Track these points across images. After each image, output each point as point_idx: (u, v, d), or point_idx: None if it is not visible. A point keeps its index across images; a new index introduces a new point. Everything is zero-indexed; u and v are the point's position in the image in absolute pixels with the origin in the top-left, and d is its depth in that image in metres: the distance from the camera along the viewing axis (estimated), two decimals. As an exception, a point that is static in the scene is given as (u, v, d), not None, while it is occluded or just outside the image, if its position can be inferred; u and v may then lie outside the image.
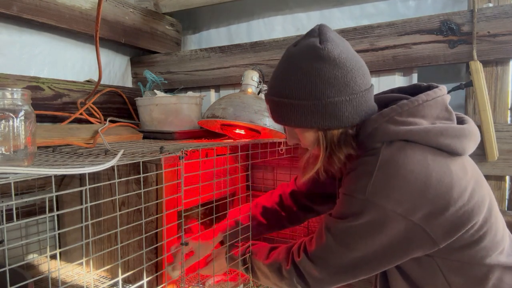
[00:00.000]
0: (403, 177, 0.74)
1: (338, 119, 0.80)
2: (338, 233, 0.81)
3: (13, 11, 1.20)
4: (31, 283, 0.79)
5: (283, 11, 1.69)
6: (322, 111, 0.79)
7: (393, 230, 0.74)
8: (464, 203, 0.74)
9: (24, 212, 1.18)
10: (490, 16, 1.18)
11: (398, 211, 0.73)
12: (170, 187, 0.91)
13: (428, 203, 0.73)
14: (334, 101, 0.78)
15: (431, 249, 0.76)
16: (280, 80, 0.84)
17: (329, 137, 0.83)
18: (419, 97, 0.80)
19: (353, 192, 0.78)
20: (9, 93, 0.64)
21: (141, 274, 0.85)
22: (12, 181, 0.57)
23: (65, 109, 1.38)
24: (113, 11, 1.56)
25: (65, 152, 0.94)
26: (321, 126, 0.81)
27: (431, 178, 0.73)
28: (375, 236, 0.76)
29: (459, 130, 0.79)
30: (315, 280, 0.86)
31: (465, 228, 0.74)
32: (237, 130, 1.28)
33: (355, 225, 0.77)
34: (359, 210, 0.77)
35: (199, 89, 1.78)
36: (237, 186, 1.34)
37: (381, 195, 0.74)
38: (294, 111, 0.81)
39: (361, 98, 0.81)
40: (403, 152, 0.76)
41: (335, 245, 0.81)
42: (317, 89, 0.78)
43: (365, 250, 0.78)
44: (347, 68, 0.79)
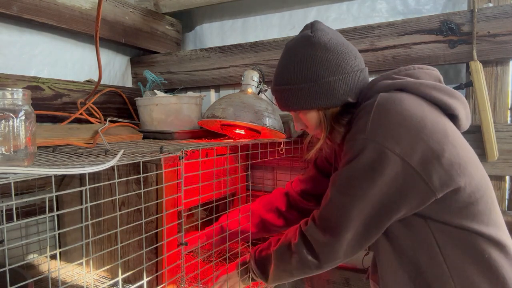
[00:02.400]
0: (399, 114, 0.77)
1: (334, 96, 0.88)
2: (341, 182, 0.83)
3: (13, 11, 1.20)
4: (31, 283, 0.79)
5: (282, 9, 1.70)
6: (319, 91, 0.88)
7: (392, 172, 0.76)
8: (458, 154, 0.77)
9: (24, 212, 1.18)
10: (490, 16, 1.18)
11: (396, 151, 0.75)
12: (170, 187, 0.91)
13: (424, 144, 0.75)
14: (329, 81, 0.87)
15: (429, 198, 0.77)
16: (280, 70, 0.95)
17: (329, 115, 0.91)
18: (414, 65, 0.90)
19: (353, 135, 0.82)
20: (9, 93, 0.64)
21: (141, 274, 0.85)
22: (12, 181, 0.57)
23: (65, 109, 1.38)
24: (113, 11, 1.56)
25: (65, 152, 0.94)
26: (321, 105, 0.89)
27: (426, 119, 0.77)
28: (374, 178, 0.77)
29: (450, 90, 0.84)
30: (321, 246, 0.86)
31: (459, 181, 0.75)
32: (237, 130, 1.28)
33: (356, 166, 0.79)
34: (359, 150, 0.79)
35: (199, 89, 1.78)
36: (237, 186, 1.35)
37: (379, 132, 0.77)
38: (295, 96, 0.91)
39: (354, 77, 0.89)
40: (398, 95, 0.82)
41: (338, 196, 0.83)
42: (312, 72, 0.88)
43: (366, 195, 0.78)
44: (338, 51, 0.88)
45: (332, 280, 1.48)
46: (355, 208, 0.80)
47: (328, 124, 0.92)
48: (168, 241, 0.89)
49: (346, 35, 1.38)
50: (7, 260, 0.60)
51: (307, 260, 0.88)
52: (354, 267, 1.45)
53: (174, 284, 0.94)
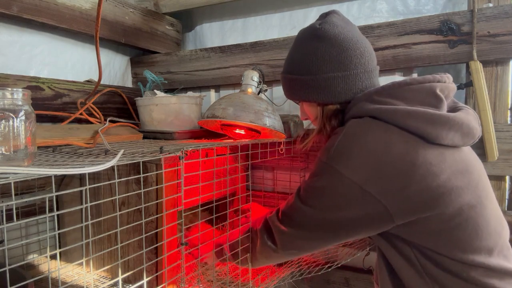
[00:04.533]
0: (361, 146, 0.77)
1: (332, 93, 0.88)
2: (302, 192, 0.87)
3: (13, 11, 1.20)
4: (31, 283, 0.79)
5: (282, 9, 1.70)
6: (318, 86, 0.88)
7: (349, 197, 0.77)
8: (429, 187, 0.73)
9: (24, 212, 1.18)
10: (490, 16, 1.18)
11: (354, 179, 0.75)
12: (170, 187, 0.91)
13: (384, 178, 0.74)
14: (328, 77, 0.87)
15: (388, 224, 0.77)
16: (288, 58, 0.97)
17: (325, 112, 0.92)
18: (403, 80, 0.83)
19: (320, 156, 0.84)
20: (9, 93, 0.64)
21: (141, 274, 0.85)
22: (12, 181, 0.57)
23: (65, 109, 1.38)
24: (113, 11, 1.56)
25: (65, 152, 0.94)
26: (318, 100, 0.90)
27: (390, 153, 0.74)
28: (330, 198, 0.79)
29: (434, 116, 0.76)
30: (280, 233, 0.90)
31: (428, 212, 0.74)
32: (237, 130, 1.28)
33: (315, 185, 0.82)
34: (319, 172, 0.82)
35: (199, 89, 1.78)
36: (237, 186, 1.35)
37: (339, 160, 0.78)
38: (297, 86, 0.93)
39: (356, 77, 0.87)
40: (367, 125, 0.80)
41: (298, 202, 0.86)
42: (313, 65, 0.88)
43: (323, 210, 0.81)
44: (343, 47, 0.86)
45: (332, 280, 1.48)
46: (312, 217, 0.83)
47: (322, 121, 0.93)
48: (168, 241, 0.89)
49: (346, 35, 1.38)
50: (7, 260, 0.60)
51: (267, 245, 0.94)
52: (354, 267, 1.45)
53: (174, 284, 0.94)
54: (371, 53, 0.91)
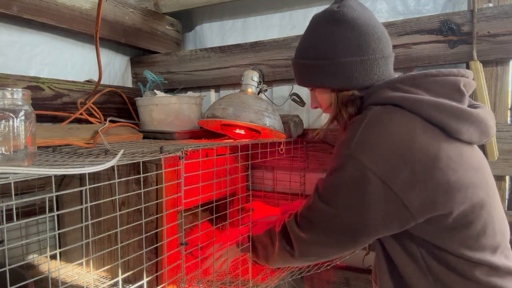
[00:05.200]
0: (385, 136, 0.74)
1: (348, 79, 0.84)
2: (322, 190, 0.83)
3: (13, 11, 1.20)
4: (31, 283, 0.79)
5: (282, 9, 1.70)
6: (334, 71, 0.85)
7: (372, 194, 0.73)
8: (448, 180, 0.72)
9: (24, 212, 1.18)
10: (490, 16, 1.18)
11: (378, 173, 0.73)
12: (170, 187, 0.91)
13: (408, 169, 0.71)
14: (345, 61, 0.83)
15: (408, 222, 0.75)
16: (301, 44, 0.93)
17: (340, 99, 0.88)
18: (428, 71, 0.80)
19: (339, 148, 0.80)
20: (9, 93, 0.64)
21: (141, 274, 0.85)
22: (12, 181, 0.57)
23: (65, 109, 1.38)
24: (113, 11, 1.56)
25: (65, 152, 0.94)
26: (333, 85, 0.87)
27: (415, 143, 0.72)
28: (355, 196, 0.75)
29: (458, 110, 0.75)
30: (298, 240, 0.87)
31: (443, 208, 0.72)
32: (237, 130, 1.28)
33: (337, 180, 0.79)
34: (341, 165, 0.78)
35: (199, 89, 1.78)
36: (237, 186, 1.35)
37: (362, 151, 0.75)
38: (311, 72, 0.89)
39: (374, 62, 0.84)
40: (391, 113, 0.77)
41: (319, 202, 0.82)
42: (330, 50, 0.84)
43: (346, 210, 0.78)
44: (361, 31, 0.83)
45: (332, 280, 1.48)
46: (333, 219, 0.80)
47: (337, 108, 0.89)
48: (168, 241, 0.89)
49: (346, 35, 1.38)
50: (7, 260, 0.60)
51: (285, 249, 0.91)
52: (354, 267, 1.45)
53: (174, 284, 0.94)
54: (388, 39, 0.88)
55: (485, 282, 0.75)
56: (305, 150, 1.48)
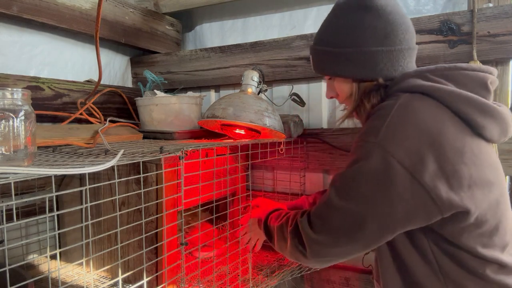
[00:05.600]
0: (416, 126, 0.71)
1: (373, 69, 0.81)
2: (341, 184, 0.77)
3: (13, 11, 1.20)
4: (31, 283, 0.79)
5: (282, 9, 1.70)
6: (358, 60, 0.81)
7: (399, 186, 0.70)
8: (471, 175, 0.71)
9: (24, 212, 1.18)
10: (490, 16, 1.18)
11: (405, 164, 0.69)
12: (170, 187, 0.91)
13: (436, 162, 0.69)
14: (371, 51, 0.80)
15: (435, 216, 0.72)
16: (323, 29, 0.89)
17: (361, 89, 0.85)
18: (458, 64, 0.79)
19: (364, 136, 0.75)
20: (9, 93, 0.64)
21: (141, 274, 0.86)
22: (12, 181, 0.57)
23: (65, 109, 1.38)
24: (113, 11, 1.56)
25: (65, 152, 0.94)
26: (357, 75, 0.83)
27: (443, 135, 0.71)
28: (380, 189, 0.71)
29: (486, 105, 0.74)
30: (311, 241, 0.82)
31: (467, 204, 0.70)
32: (237, 130, 1.28)
33: (360, 172, 0.73)
34: (366, 155, 0.73)
35: (199, 89, 1.78)
36: (237, 186, 1.35)
37: (392, 140, 0.71)
38: (333, 60, 0.85)
39: (400, 54, 0.81)
40: (422, 102, 0.75)
41: (336, 198, 0.77)
42: (356, 37, 0.81)
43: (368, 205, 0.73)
44: (389, 20, 0.80)
45: (332, 280, 1.48)
46: (353, 216, 0.75)
47: (358, 98, 0.85)
48: (168, 241, 0.89)
49: (346, 35, 1.38)
50: (7, 260, 0.60)
51: (297, 249, 0.86)
52: (354, 267, 1.45)
53: (174, 284, 0.94)
54: (413, 30, 0.85)
55: (494, 279, 0.75)
56: (305, 150, 1.48)
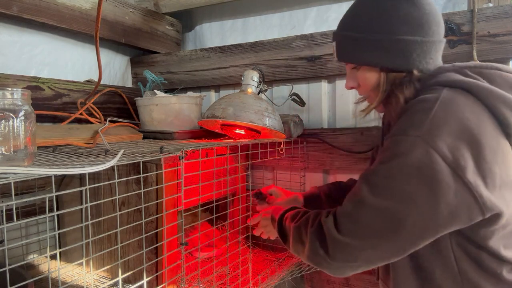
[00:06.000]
0: (460, 120, 0.69)
1: (405, 59, 0.78)
2: (376, 180, 0.71)
3: (13, 11, 1.20)
4: (31, 283, 0.79)
5: (282, 9, 1.70)
6: (391, 48, 0.77)
7: (443, 184, 0.66)
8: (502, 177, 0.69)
9: (24, 212, 1.18)
10: (490, 16, 1.18)
11: (448, 160, 0.66)
12: (170, 187, 0.91)
13: (475, 159, 0.67)
14: (405, 39, 0.76)
15: (476, 217, 0.68)
16: (352, 14, 0.83)
17: (390, 80, 0.80)
18: (493, 64, 0.77)
19: (405, 130, 0.71)
20: (9, 93, 0.64)
21: (141, 274, 0.86)
22: (12, 181, 0.57)
23: (65, 109, 1.38)
24: (113, 11, 1.56)
25: (65, 152, 0.94)
26: (387, 65, 0.79)
27: (482, 134, 0.69)
28: (419, 185, 0.67)
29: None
30: (336, 243, 0.74)
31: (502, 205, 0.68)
32: (237, 130, 1.28)
33: (399, 168, 0.69)
34: (406, 149, 0.68)
35: (199, 89, 1.78)
36: (237, 186, 1.35)
37: (435, 136, 0.67)
38: (361, 47, 0.80)
39: (432, 45, 0.79)
40: (464, 98, 0.72)
41: (370, 195, 0.71)
42: (390, 24, 0.77)
43: (408, 204, 0.68)
44: (425, 10, 0.77)
45: (332, 280, 1.48)
46: (390, 215, 0.69)
47: (387, 89, 0.81)
48: (168, 241, 0.89)
49: (346, 35, 1.38)
50: (7, 260, 0.60)
51: (317, 253, 0.77)
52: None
53: (174, 284, 0.94)
54: (443, 24, 0.82)
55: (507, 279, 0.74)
56: (305, 150, 1.48)
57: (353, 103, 1.02)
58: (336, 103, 1.49)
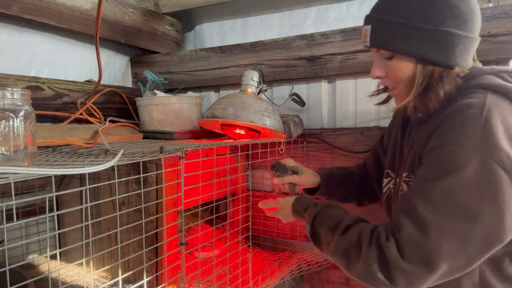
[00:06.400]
0: (507, 127, 0.68)
1: (447, 53, 0.75)
2: (435, 197, 0.68)
3: (13, 11, 1.20)
4: (31, 283, 0.79)
5: (282, 9, 1.70)
6: (435, 39, 0.74)
7: (504, 193, 0.64)
8: None
9: (24, 212, 1.18)
10: (490, 16, 1.18)
11: (507, 168, 0.65)
12: (170, 187, 0.91)
13: None
14: (451, 32, 0.73)
15: None
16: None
17: (427, 73, 0.77)
18: None
19: (458, 140, 0.68)
20: (9, 93, 0.64)
21: (141, 274, 0.86)
22: (12, 181, 0.57)
23: (65, 109, 1.38)
24: (113, 11, 1.56)
25: (65, 152, 0.94)
26: (427, 56, 0.75)
27: None
28: (484, 198, 0.65)
29: None
30: (401, 271, 0.68)
31: None
32: (237, 130, 1.28)
33: (460, 181, 0.66)
34: (465, 162, 0.66)
35: (199, 89, 1.78)
36: (237, 186, 1.35)
37: (491, 144, 0.65)
38: (404, 34, 0.75)
39: (472, 42, 0.77)
40: (507, 104, 0.71)
41: (430, 215, 0.67)
42: (438, 15, 0.73)
43: (473, 219, 0.65)
44: (472, 6, 0.75)
45: (332, 280, 1.48)
46: (458, 235, 0.66)
47: (423, 83, 0.77)
48: (168, 241, 0.89)
49: (346, 35, 1.38)
50: (7, 260, 0.60)
51: (375, 276, 0.70)
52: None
53: (174, 284, 0.94)
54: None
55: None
56: (305, 150, 1.48)
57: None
58: (336, 103, 1.49)
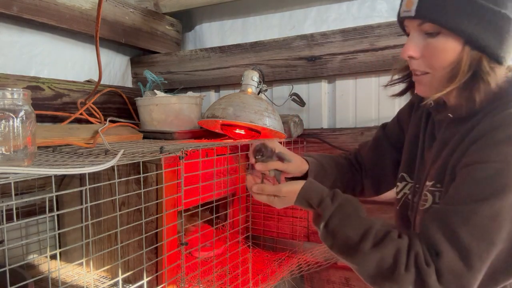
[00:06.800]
0: None
1: (500, 40, 0.66)
2: (479, 222, 0.62)
3: (13, 11, 1.20)
4: (31, 283, 0.79)
5: (282, 9, 1.70)
6: (492, 21, 0.65)
7: None
8: None
9: (24, 212, 1.18)
10: (490, 16, 1.18)
11: None
12: (170, 187, 0.91)
13: None
14: (510, 18, 0.65)
15: None
16: None
17: (473, 59, 0.67)
18: None
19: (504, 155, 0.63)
20: (9, 93, 0.64)
21: (141, 274, 0.86)
22: (12, 181, 0.57)
23: (65, 109, 1.38)
24: (113, 11, 1.56)
25: (65, 152, 0.94)
26: (480, 39, 0.66)
27: None
28: None
29: None
30: None
31: None
32: (237, 130, 1.28)
33: (505, 206, 0.61)
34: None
35: (199, 89, 1.78)
36: (237, 186, 1.35)
37: None
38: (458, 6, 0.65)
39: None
40: None
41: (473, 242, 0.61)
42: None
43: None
44: None
45: (332, 280, 1.48)
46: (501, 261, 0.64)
47: (469, 71, 0.68)
48: (168, 241, 0.89)
49: (346, 35, 1.38)
50: (7, 260, 0.60)
51: None
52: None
53: (174, 284, 0.94)
54: None
55: None
56: (305, 150, 1.48)
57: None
58: (336, 103, 1.49)
